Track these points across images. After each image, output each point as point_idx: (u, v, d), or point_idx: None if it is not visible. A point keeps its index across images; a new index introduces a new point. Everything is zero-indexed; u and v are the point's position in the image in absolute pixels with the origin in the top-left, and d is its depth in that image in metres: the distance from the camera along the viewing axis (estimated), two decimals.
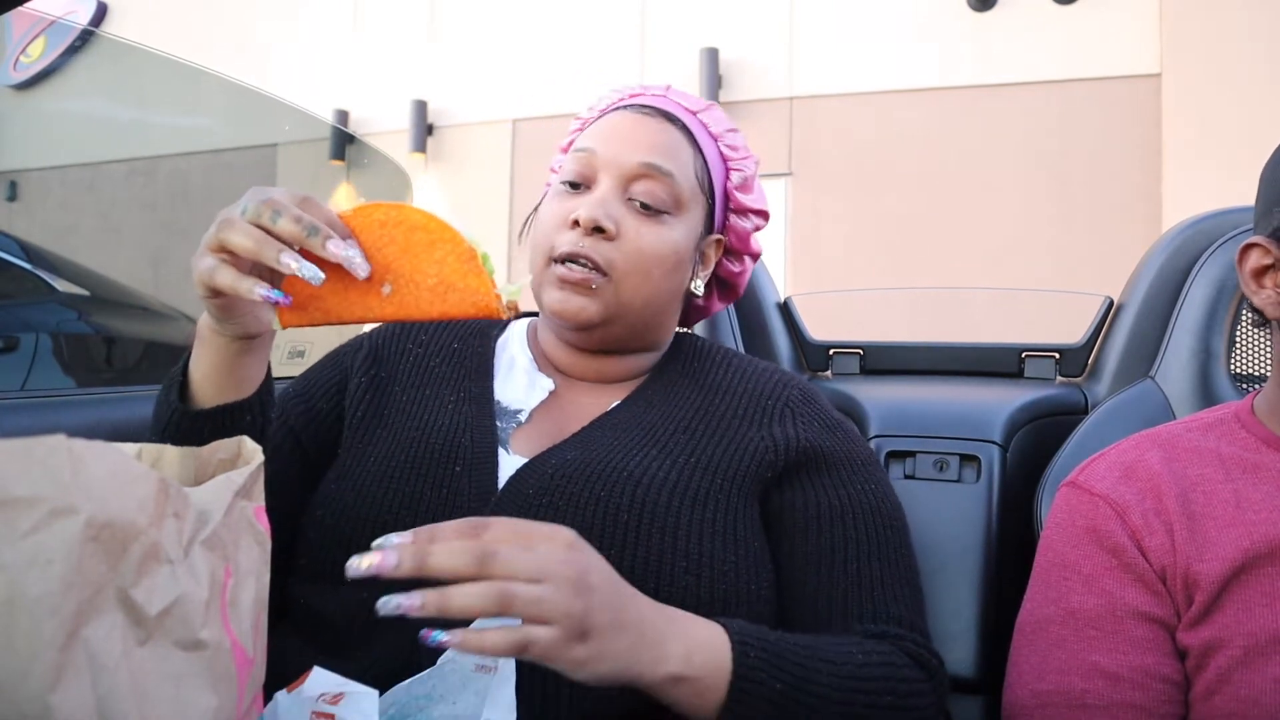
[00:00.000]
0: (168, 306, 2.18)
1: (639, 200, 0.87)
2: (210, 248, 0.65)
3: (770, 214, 1.02)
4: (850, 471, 0.87)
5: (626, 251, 0.86)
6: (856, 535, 0.83)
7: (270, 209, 0.64)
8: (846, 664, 0.72)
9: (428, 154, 6.59)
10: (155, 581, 0.40)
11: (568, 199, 0.89)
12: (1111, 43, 5.09)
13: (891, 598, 0.81)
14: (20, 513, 0.34)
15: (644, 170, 0.87)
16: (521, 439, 0.87)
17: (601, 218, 0.84)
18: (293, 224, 0.63)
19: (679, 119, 0.92)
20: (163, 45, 1.80)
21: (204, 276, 0.65)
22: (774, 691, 0.67)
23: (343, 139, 3.84)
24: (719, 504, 0.80)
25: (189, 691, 0.41)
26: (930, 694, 0.76)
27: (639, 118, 0.90)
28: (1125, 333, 1.24)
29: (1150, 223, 4.82)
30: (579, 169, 0.89)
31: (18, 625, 0.34)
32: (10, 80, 2.95)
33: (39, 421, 1.11)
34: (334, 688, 0.53)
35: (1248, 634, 0.74)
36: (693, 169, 0.90)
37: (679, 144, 0.90)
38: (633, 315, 0.88)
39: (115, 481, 0.38)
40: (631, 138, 0.88)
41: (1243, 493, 0.81)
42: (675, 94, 0.97)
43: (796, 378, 0.95)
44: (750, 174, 0.98)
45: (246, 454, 0.56)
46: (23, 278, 1.88)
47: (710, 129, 0.95)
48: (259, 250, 0.63)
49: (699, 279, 0.96)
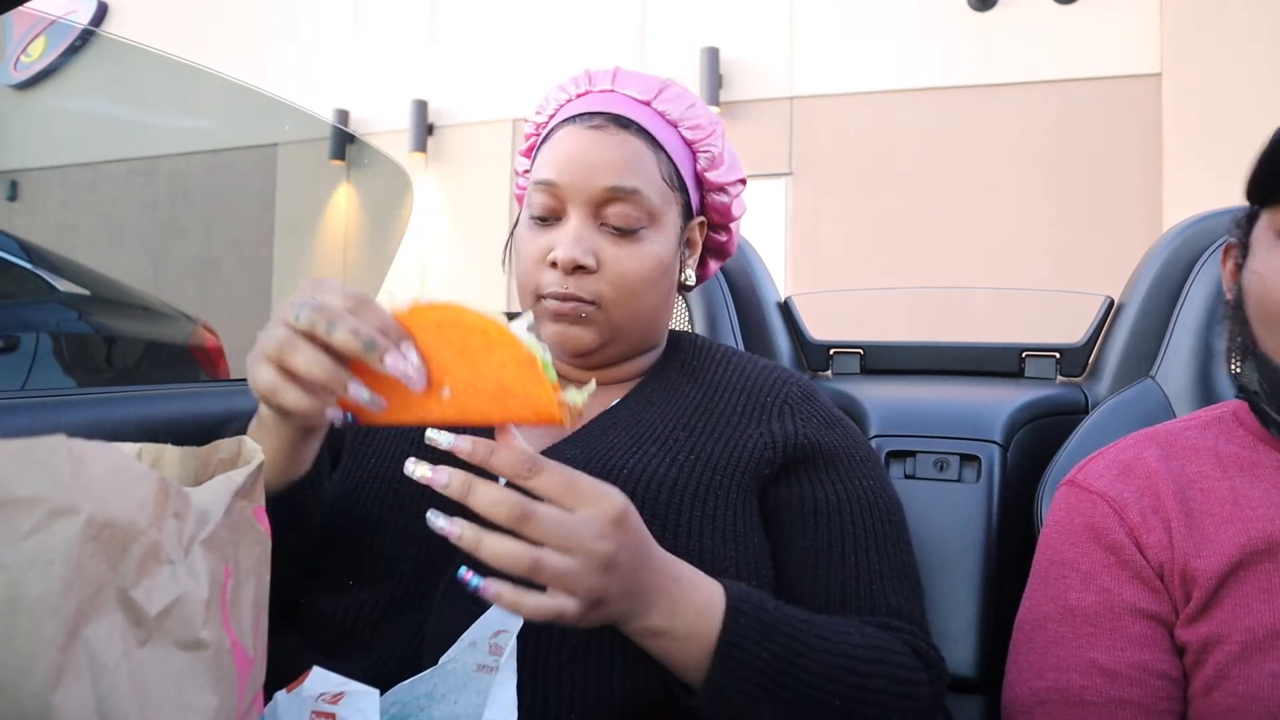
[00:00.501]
0: (168, 306, 2.18)
1: (612, 225, 0.86)
2: (269, 359, 0.62)
3: (746, 178, 0.99)
4: (848, 467, 0.87)
5: (611, 281, 0.85)
6: (854, 530, 0.83)
7: (325, 319, 0.61)
8: (841, 642, 0.72)
9: (428, 154, 6.59)
10: (155, 581, 0.40)
11: (542, 233, 0.87)
12: (1112, 42, 5.09)
13: (890, 591, 0.81)
14: (21, 513, 0.34)
15: (610, 195, 0.85)
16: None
17: (579, 255, 0.83)
18: (350, 338, 0.61)
19: (633, 121, 0.88)
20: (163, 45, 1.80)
21: (266, 393, 0.63)
22: (760, 660, 0.67)
23: (343, 139, 3.85)
24: (719, 500, 0.80)
25: (189, 691, 0.41)
26: (927, 685, 0.75)
27: (593, 135, 0.87)
28: (1126, 332, 1.24)
29: (1150, 222, 4.82)
30: (545, 202, 0.87)
31: (19, 625, 0.34)
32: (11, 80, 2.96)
33: (39, 421, 1.11)
34: (334, 687, 0.53)
35: (1245, 630, 0.74)
36: (658, 173, 0.88)
37: (639, 153, 0.87)
38: (630, 332, 0.89)
39: (116, 481, 0.38)
40: (590, 161, 0.85)
41: (1240, 490, 0.81)
42: (623, 82, 0.92)
43: (796, 375, 0.94)
44: (718, 150, 0.94)
45: (247, 454, 0.56)
46: (23, 277, 1.88)
47: (668, 116, 0.91)
48: (327, 382, 0.61)
49: (688, 269, 0.95)
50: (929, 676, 0.76)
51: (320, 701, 0.52)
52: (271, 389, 0.62)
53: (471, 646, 0.62)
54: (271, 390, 0.62)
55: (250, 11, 6.84)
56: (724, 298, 1.34)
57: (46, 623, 0.34)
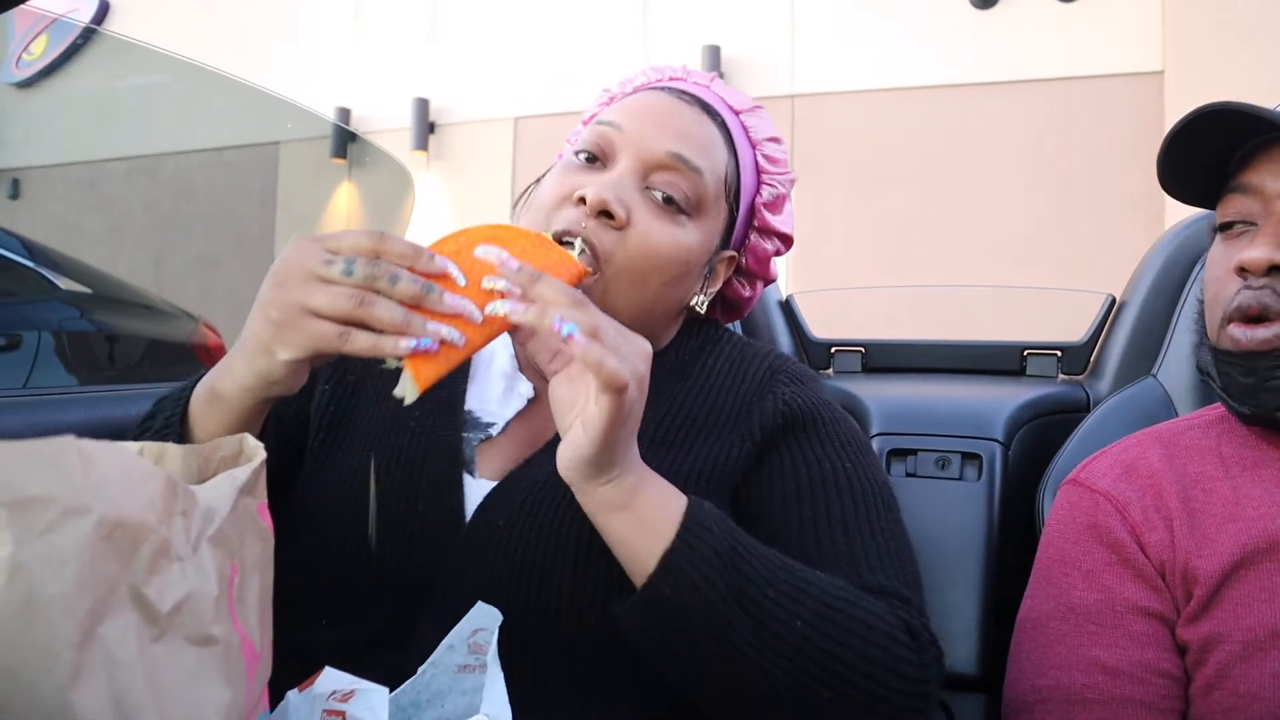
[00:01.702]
0: (170, 304, 2.18)
1: (659, 191, 0.78)
2: (334, 314, 0.61)
3: (794, 241, 0.92)
4: (824, 447, 0.79)
5: (631, 245, 0.76)
6: (829, 510, 0.75)
7: (384, 272, 0.61)
8: (803, 570, 0.67)
9: (429, 152, 6.59)
10: (166, 579, 0.40)
11: (577, 173, 0.79)
12: (1113, 41, 5.09)
13: (876, 568, 0.73)
14: (35, 512, 0.35)
15: (671, 161, 0.78)
16: (491, 456, 0.80)
17: (611, 200, 0.75)
18: (413, 285, 0.61)
19: (719, 114, 0.83)
20: (165, 43, 1.80)
21: (328, 342, 0.61)
22: (721, 547, 0.63)
23: (344, 137, 3.85)
24: None
25: (203, 687, 0.41)
26: (911, 656, 0.67)
27: (676, 102, 0.81)
28: (1127, 331, 1.24)
29: (1152, 220, 4.81)
30: (598, 141, 0.79)
31: (36, 624, 0.34)
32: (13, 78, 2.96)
33: (41, 419, 1.12)
34: (345, 685, 0.53)
35: (1246, 629, 0.75)
36: (724, 171, 0.82)
37: (714, 140, 0.81)
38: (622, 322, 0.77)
39: (125, 481, 0.39)
40: (664, 121, 0.79)
41: (1242, 489, 0.81)
42: (721, 87, 0.88)
43: (784, 367, 0.85)
44: (783, 192, 0.89)
45: (248, 451, 0.56)
46: (25, 275, 1.89)
47: (751, 134, 0.87)
48: (407, 325, 0.61)
49: (703, 295, 0.86)
50: (914, 649, 0.67)
51: (331, 700, 0.53)
52: (336, 338, 0.61)
53: (450, 649, 0.62)
54: (336, 340, 0.61)
55: (251, 10, 6.83)
56: None
57: (63, 622, 0.34)
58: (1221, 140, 0.81)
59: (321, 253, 0.62)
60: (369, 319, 0.61)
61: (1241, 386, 0.79)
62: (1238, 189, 0.81)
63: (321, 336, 0.61)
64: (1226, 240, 0.82)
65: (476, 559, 0.73)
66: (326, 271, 0.61)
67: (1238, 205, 0.81)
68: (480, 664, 0.60)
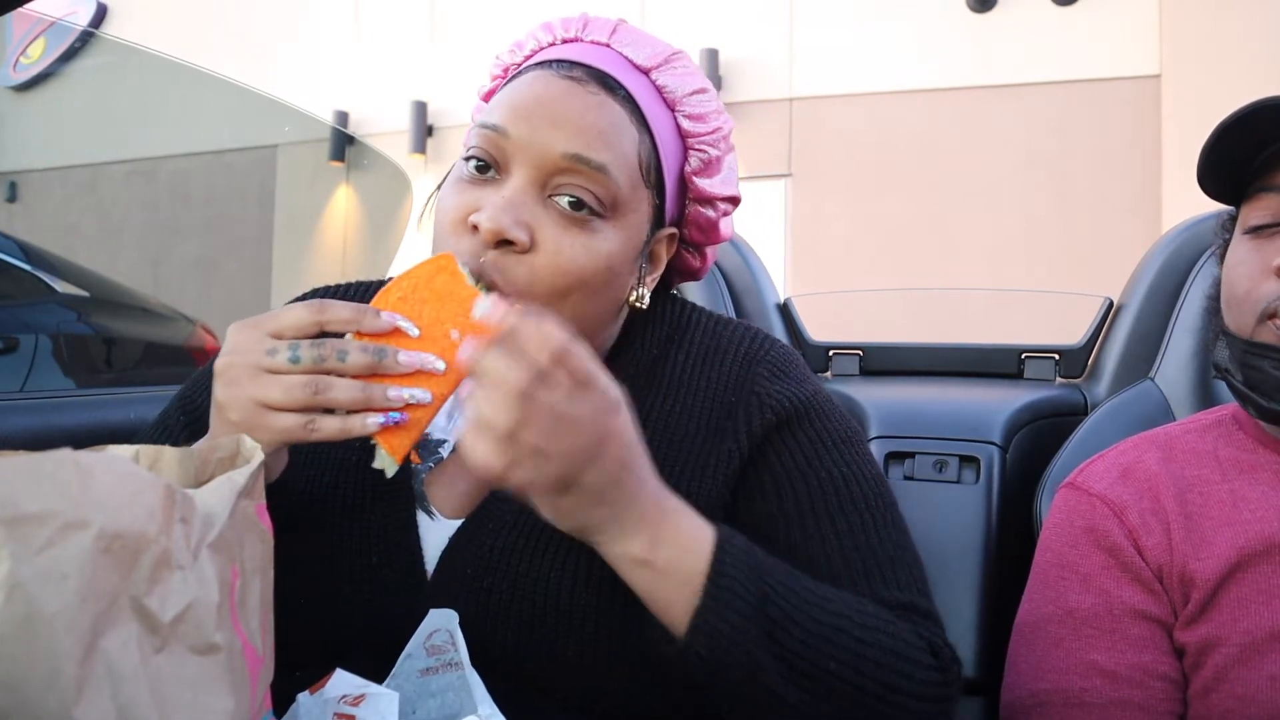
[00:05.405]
0: (167, 307, 2.18)
1: (564, 197, 0.69)
2: (290, 405, 0.59)
3: (741, 198, 0.83)
4: (818, 450, 0.74)
5: (541, 269, 0.67)
6: (834, 524, 0.71)
7: (331, 351, 0.59)
8: (835, 600, 0.64)
9: (427, 155, 6.59)
10: (167, 588, 0.40)
11: (470, 189, 0.71)
12: (1111, 44, 5.09)
13: (891, 581, 0.70)
14: (33, 529, 0.35)
15: (569, 163, 0.68)
16: (444, 486, 0.73)
17: (508, 226, 0.66)
18: (363, 354, 0.59)
19: (622, 85, 0.72)
20: (163, 46, 1.80)
21: (294, 435, 0.59)
22: (751, 596, 0.60)
23: (342, 140, 3.85)
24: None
25: (206, 695, 0.41)
26: (936, 676, 0.65)
27: (567, 87, 0.70)
28: (1125, 333, 1.24)
29: (1150, 223, 4.82)
30: (487, 148, 0.70)
31: (37, 641, 0.34)
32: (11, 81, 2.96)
33: (39, 422, 1.12)
34: (355, 689, 0.53)
35: (1244, 631, 0.75)
36: (635, 156, 0.71)
37: (618, 123, 0.70)
38: None
39: (123, 492, 0.39)
40: (556, 115, 0.69)
41: (1239, 492, 0.81)
42: (625, 40, 0.75)
43: (762, 354, 0.78)
44: (717, 154, 0.78)
45: (245, 452, 0.56)
46: (23, 278, 1.89)
47: (666, 94, 0.75)
48: (368, 400, 0.59)
49: (644, 287, 0.77)
50: (939, 669, 0.66)
51: (342, 704, 0.53)
52: (303, 429, 0.59)
53: (409, 658, 0.61)
54: (304, 430, 0.59)
55: (250, 13, 6.83)
56: (723, 298, 1.34)
57: (64, 637, 0.34)
58: (1250, 139, 0.80)
59: (264, 340, 0.60)
60: (328, 404, 0.59)
61: (1275, 380, 0.78)
62: (1270, 189, 0.80)
63: (285, 431, 0.60)
64: (1258, 240, 0.81)
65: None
66: (273, 363, 0.59)
67: (1271, 206, 0.80)
68: (442, 664, 0.60)
